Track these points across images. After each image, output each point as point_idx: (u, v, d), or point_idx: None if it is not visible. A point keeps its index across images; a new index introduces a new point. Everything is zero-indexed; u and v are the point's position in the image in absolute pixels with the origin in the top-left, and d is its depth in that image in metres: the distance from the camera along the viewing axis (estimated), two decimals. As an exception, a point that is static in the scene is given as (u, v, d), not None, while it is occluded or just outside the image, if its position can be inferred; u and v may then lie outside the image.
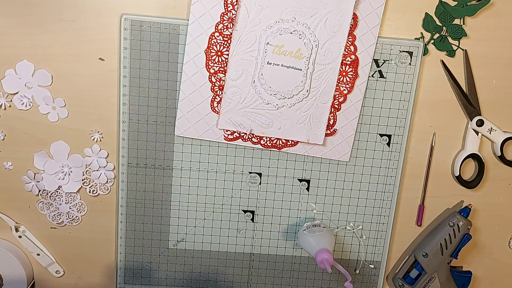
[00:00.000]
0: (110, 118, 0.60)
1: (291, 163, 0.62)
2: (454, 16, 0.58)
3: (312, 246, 0.59)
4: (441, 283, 0.64)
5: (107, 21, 0.57)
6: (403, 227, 0.66)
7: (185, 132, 0.60)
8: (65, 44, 0.57)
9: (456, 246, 0.63)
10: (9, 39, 0.57)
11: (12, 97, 0.59)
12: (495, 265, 0.69)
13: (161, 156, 0.61)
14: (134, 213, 0.63)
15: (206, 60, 0.57)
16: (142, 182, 0.62)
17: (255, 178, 0.63)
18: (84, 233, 0.64)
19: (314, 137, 0.60)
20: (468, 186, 0.64)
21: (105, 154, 0.61)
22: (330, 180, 0.63)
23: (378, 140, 0.62)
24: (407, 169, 0.64)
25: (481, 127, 0.62)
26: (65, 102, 0.59)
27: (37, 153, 0.60)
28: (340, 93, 0.59)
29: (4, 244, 0.63)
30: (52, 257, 0.65)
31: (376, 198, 0.64)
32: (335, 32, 0.57)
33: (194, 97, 0.58)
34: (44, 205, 0.63)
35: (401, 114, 0.61)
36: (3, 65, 0.57)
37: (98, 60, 0.58)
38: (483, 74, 0.61)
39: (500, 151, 0.63)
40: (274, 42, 0.56)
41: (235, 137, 0.60)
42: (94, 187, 0.62)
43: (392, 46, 0.59)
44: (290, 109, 0.59)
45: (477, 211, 0.66)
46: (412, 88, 0.61)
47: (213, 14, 0.56)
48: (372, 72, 0.60)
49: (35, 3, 0.56)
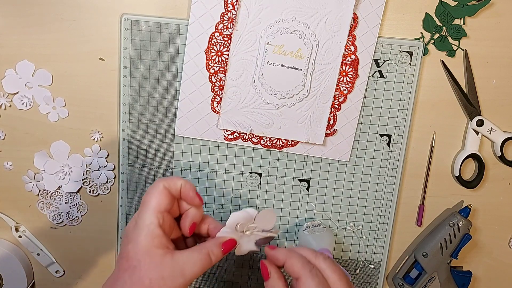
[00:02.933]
0: (110, 118, 0.60)
1: (291, 163, 0.62)
2: (454, 16, 0.58)
3: (312, 246, 0.59)
4: (441, 283, 0.64)
5: (107, 21, 0.57)
6: (403, 227, 0.66)
7: (185, 132, 0.60)
8: (65, 44, 0.57)
9: (456, 246, 0.63)
10: (9, 39, 0.57)
11: (12, 97, 0.59)
12: (495, 265, 0.69)
13: (161, 156, 0.61)
14: (134, 213, 0.63)
15: (206, 60, 0.57)
16: (142, 182, 0.62)
17: (255, 178, 0.63)
18: (84, 233, 0.64)
19: (314, 137, 0.60)
20: (468, 186, 0.64)
21: (105, 154, 0.61)
22: (330, 180, 0.63)
23: (378, 140, 0.62)
24: (407, 169, 0.64)
25: (481, 127, 0.62)
26: (65, 102, 0.59)
27: (37, 153, 0.60)
28: (340, 93, 0.59)
29: (4, 244, 0.63)
30: (52, 257, 0.65)
31: (376, 198, 0.64)
32: (335, 32, 0.57)
33: (194, 97, 0.59)
34: (44, 205, 0.63)
35: (401, 114, 0.61)
36: (3, 65, 0.58)
37: (98, 60, 0.58)
38: (483, 74, 0.61)
39: (500, 151, 0.63)
40: (274, 42, 0.56)
41: (235, 137, 0.60)
42: (94, 187, 0.62)
43: (392, 46, 0.59)
44: (290, 109, 0.59)
45: (477, 211, 0.67)
46: (412, 88, 0.61)
47: (213, 14, 0.56)
48: (372, 72, 0.60)
49: (35, 3, 0.56)
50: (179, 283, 0.39)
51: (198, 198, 0.44)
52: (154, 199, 0.41)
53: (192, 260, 0.40)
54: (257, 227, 0.46)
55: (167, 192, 0.42)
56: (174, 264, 0.40)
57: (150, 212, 0.41)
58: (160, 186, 0.42)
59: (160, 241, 0.40)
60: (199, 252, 0.41)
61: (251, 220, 0.46)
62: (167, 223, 0.42)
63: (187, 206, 0.45)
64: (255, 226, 0.46)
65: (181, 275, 0.39)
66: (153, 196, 0.41)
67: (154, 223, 0.40)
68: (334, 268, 0.42)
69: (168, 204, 0.42)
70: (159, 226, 0.41)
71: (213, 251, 0.42)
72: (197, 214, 0.45)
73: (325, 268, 0.42)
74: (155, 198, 0.41)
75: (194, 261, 0.41)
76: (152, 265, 0.39)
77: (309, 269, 0.41)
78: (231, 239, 0.44)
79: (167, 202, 0.42)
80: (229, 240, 0.44)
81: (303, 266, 0.41)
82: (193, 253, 0.41)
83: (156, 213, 0.41)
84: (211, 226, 0.46)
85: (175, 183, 0.43)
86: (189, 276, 0.40)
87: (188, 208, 0.45)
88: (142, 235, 0.40)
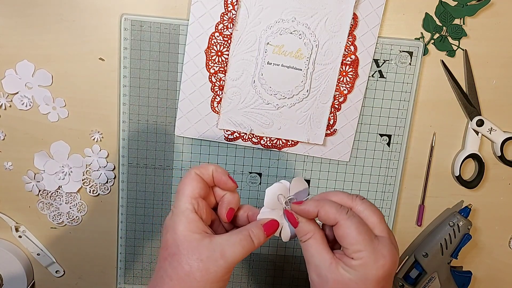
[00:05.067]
0: (110, 118, 0.60)
1: (291, 163, 0.62)
2: (454, 16, 0.58)
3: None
4: (441, 283, 0.64)
5: (107, 21, 0.57)
6: (403, 227, 0.66)
7: (185, 132, 0.60)
8: (65, 44, 0.57)
9: (456, 246, 0.63)
10: (9, 39, 0.57)
11: (12, 97, 0.59)
12: (495, 265, 0.69)
13: (161, 156, 0.61)
14: (134, 213, 0.63)
15: (206, 60, 0.57)
16: (142, 182, 0.62)
17: (255, 178, 0.63)
18: (84, 233, 0.64)
19: (314, 137, 0.60)
20: (468, 186, 0.64)
21: (105, 154, 0.61)
22: (330, 180, 0.63)
23: (378, 140, 0.62)
24: (407, 169, 0.64)
25: (481, 127, 0.62)
26: (65, 102, 0.59)
27: (37, 153, 0.60)
28: (340, 93, 0.59)
29: (4, 244, 0.63)
30: (52, 257, 0.65)
31: (376, 198, 0.64)
32: (335, 32, 0.57)
33: (194, 97, 0.59)
34: (44, 205, 0.63)
35: (401, 114, 0.61)
36: (3, 65, 0.58)
37: (98, 60, 0.58)
38: (483, 74, 0.61)
39: (500, 151, 0.63)
40: (274, 42, 0.56)
41: (235, 137, 0.60)
42: (94, 187, 0.62)
43: (392, 46, 0.59)
44: (290, 109, 0.59)
45: (477, 211, 0.66)
46: (412, 88, 0.61)
47: (213, 14, 0.56)
48: (372, 72, 0.60)
49: (35, 3, 0.56)
50: (220, 265, 0.38)
51: (232, 181, 0.43)
52: (187, 186, 0.41)
53: (232, 241, 0.39)
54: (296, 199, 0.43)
55: (199, 178, 0.42)
56: (213, 246, 0.38)
57: (185, 199, 0.40)
58: (192, 173, 0.42)
59: (196, 226, 0.39)
60: (238, 233, 0.40)
61: (287, 191, 0.43)
62: (203, 209, 0.41)
63: (222, 193, 0.44)
64: (294, 197, 0.43)
65: (221, 256, 0.38)
66: (186, 183, 0.41)
67: (189, 208, 0.40)
68: (373, 209, 0.40)
69: (202, 189, 0.41)
70: (195, 211, 0.40)
71: (254, 231, 0.40)
72: (233, 199, 0.44)
73: (363, 210, 0.40)
74: (188, 185, 0.41)
75: (233, 242, 0.39)
76: (190, 249, 0.38)
77: (345, 212, 0.39)
78: (272, 220, 0.42)
79: (200, 187, 0.41)
80: (270, 221, 0.42)
81: (338, 210, 0.39)
82: (232, 235, 0.40)
83: (190, 199, 0.40)
84: (250, 213, 0.44)
85: (207, 169, 0.42)
86: (231, 257, 0.38)
87: (223, 195, 0.44)
88: (178, 222, 0.39)
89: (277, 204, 0.42)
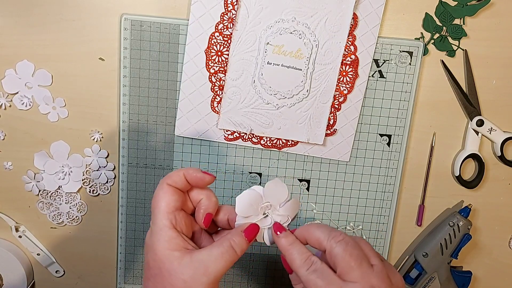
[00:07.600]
0: (110, 118, 0.60)
1: (291, 163, 0.62)
2: (454, 16, 0.58)
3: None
4: (441, 283, 0.64)
5: (107, 21, 0.57)
6: (403, 227, 0.66)
7: (185, 132, 0.60)
8: (65, 44, 0.57)
9: (456, 246, 0.63)
10: (9, 39, 0.57)
11: (12, 97, 0.59)
12: (495, 265, 0.69)
13: (161, 156, 0.61)
14: (134, 213, 0.63)
15: (206, 60, 0.57)
16: (142, 182, 0.62)
17: (255, 178, 0.63)
18: (84, 233, 0.64)
19: (314, 137, 0.60)
20: (468, 186, 0.64)
21: (105, 154, 0.61)
22: (330, 180, 0.63)
23: (378, 140, 0.62)
24: (407, 169, 0.64)
25: (481, 127, 0.62)
26: (65, 102, 0.59)
27: (37, 153, 0.60)
28: (340, 93, 0.59)
29: (4, 244, 0.63)
30: (52, 257, 0.65)
31: (376, 198, 0.64)
32: (335, 32, 0.57)
33: (194, 97, 0.59)
34: (44, 205, 0.63)
35: (401, 114, 0.61)
36: (3, 65, 0.58)
37: (98, 60, 0.58)
38: (483, 74, 0.61)
39: (500, 151, 0.63)
40: (274, 42, 0.56)
41: (235, 137, 0.60)
42: (94, 187, 0.62)
43: (392, 46, 0.59)
44: (290, 109, 0.59)
45: (477, 211, 0.66)
46: (412, 88, 0.61)
47: (213, 14, 0.56)
48: (372, 72, 0.60)
49: (35, 3, 0.56)
50: (203, 282, 0.37)
51: (207, 174, 0.41)
52: (161, 200, 0.39)
53: (213, 256, 0.38)
54: (271, 204, 0.41)
55: (172, 189, 0.40)
56: (194, 264, 0.37)
57: (161, 215, 0.39)
58: (164, 185, 0.40)
59: (176, 243, 0.38)
60: (219, 246, 0.39)
61: (260, 198, 0.41)
62: (182, 222, 0.40)
63: (198, 198, 0.42)
64: (269, 204, 0.41)
65: (204, 274, 0.37)
66: (160, 198, 0.40)
67: (166, 225, 0.39)
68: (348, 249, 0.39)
69: (177, 201, 0.40)
70: (173, 227, 0.39)
71: (235, 240, 0.39)
72: (209, 203, 0.42)
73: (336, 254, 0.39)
74: (162, 199, 0.39)
75: (215, 256, 0.38)
76: (172, 270, 0.37)
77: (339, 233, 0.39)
78: (252, 224, 0.41)
79: (175, 199, 0.40)
80: (249, 226, 0.41)
81: (328, 232, 0.39)
82: (213, 249, 0.38)
83: (167, 215, 0.39)
84: (231, 216, 0.43)
85: (178, 175, 0.41)
86: (213, 273, 0.37)
87: (199, 200, 0.43)
88: (156, 241, 0.38)
89: (251, 211, 0.41)
